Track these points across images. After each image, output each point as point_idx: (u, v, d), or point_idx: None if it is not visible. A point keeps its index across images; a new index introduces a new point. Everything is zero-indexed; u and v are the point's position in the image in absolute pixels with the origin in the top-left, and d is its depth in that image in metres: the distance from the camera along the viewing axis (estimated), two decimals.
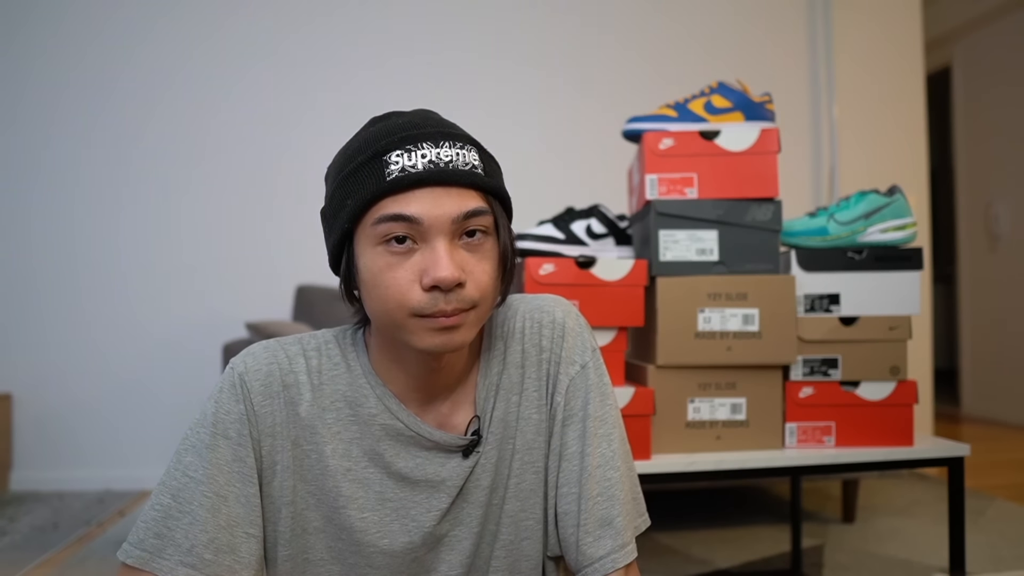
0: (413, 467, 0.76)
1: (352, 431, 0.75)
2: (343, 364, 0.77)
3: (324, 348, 0.77)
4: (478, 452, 0.78)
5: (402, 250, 0.67)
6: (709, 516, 2.26)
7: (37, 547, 2.03)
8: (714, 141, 1.29)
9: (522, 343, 0.81)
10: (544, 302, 0.84)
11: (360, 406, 0.75)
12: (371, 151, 0.69)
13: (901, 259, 1.32)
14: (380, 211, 0.67)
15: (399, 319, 0.68)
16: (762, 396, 1.30)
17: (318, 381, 0.76)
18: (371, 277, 0.68)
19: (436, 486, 0.77)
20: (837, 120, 2.84)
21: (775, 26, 2.89)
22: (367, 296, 0.70)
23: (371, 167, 0.68)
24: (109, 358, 2.72)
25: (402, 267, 0.67)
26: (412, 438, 0.76)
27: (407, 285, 0.67)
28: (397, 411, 0.75)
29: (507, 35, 2.83)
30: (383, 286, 0.68)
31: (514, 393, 0.80)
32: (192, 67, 2.75)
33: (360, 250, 0.69)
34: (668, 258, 1.28)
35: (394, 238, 0.67)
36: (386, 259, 0.68)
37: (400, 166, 0.67)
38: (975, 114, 4.01)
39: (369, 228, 0.68)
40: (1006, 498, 2.40)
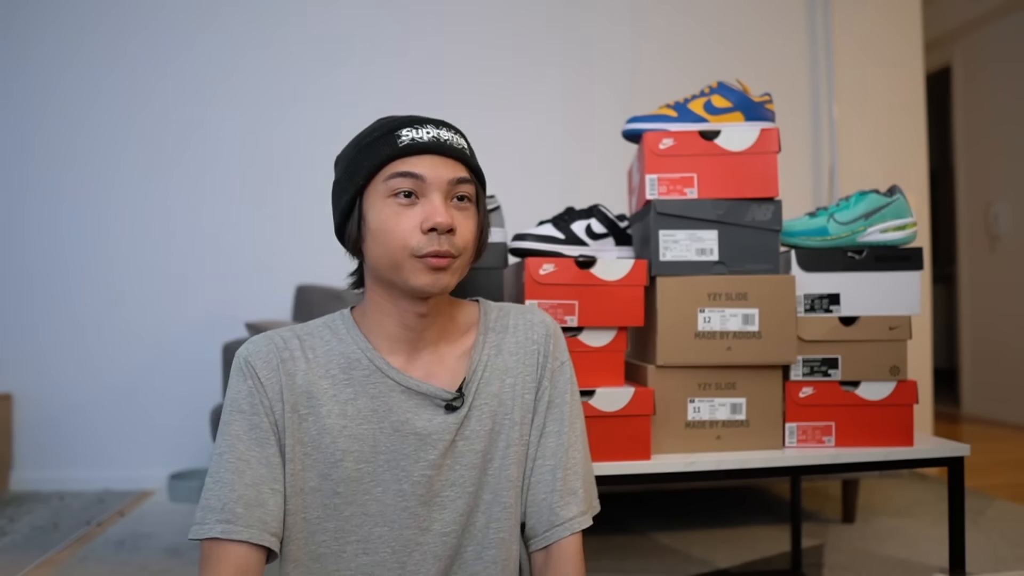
0: (403, 421, 0.87)
1: (347, 392, 0.87)
2: (334, 339, 0.89)
3: (315, 329, 0.91)
4: (457, 409, 0.88)
5: (407, 203, 0.83)
6: (709, 516, 2.26)
7: (37, 547, 2.03)
8: (714, 141, 1.29)
9: (516, 336, 0.96)
10: (534, 309, 1.00)
11: (353, 369, 0.88)
12: (385, 129, 0.86)
13: (901, 259, 1.32)
14: (392, 169, 0.83)
15: (400, 259, 0.83)
16: (762, 396, 1.30)
17: (312, 354, 0.88)
18: (379, 224, 0.83)
19: (424, 439, 0.87)
20: (837, 120, 2.84)
21: (775, 26, 2.89)
22: (373, 243, 0.84)
23: (385, 139, 0.85)
24: (109, 358, 2.72)
25: (406, 215, 0.83)
26: (403, 391, 0.87)
27: (410, 230, 0.82)
28: (386, 369, 0.87)
29: (507, 35, 2.83)
30: (389, 231, 0.83)
31: (509, 376, 0.93)
32: (190, 66, 2.75)
33: (370, 204, 0.85)
34: (668, 258, 1.28)
35: (402, 192, 0.83)
36: (393, 208, 0.83)
37: (410, 137, 0.84)
38: (975, 114, 4.01)
39: (381, 184, 0.84)
40: (1006, 498, 2.40)
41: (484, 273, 1.28)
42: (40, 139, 2.72)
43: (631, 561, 1.86)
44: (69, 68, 2.72)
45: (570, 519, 0.92)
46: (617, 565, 1.84)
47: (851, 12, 2.88)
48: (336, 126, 2.75)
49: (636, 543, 2.00)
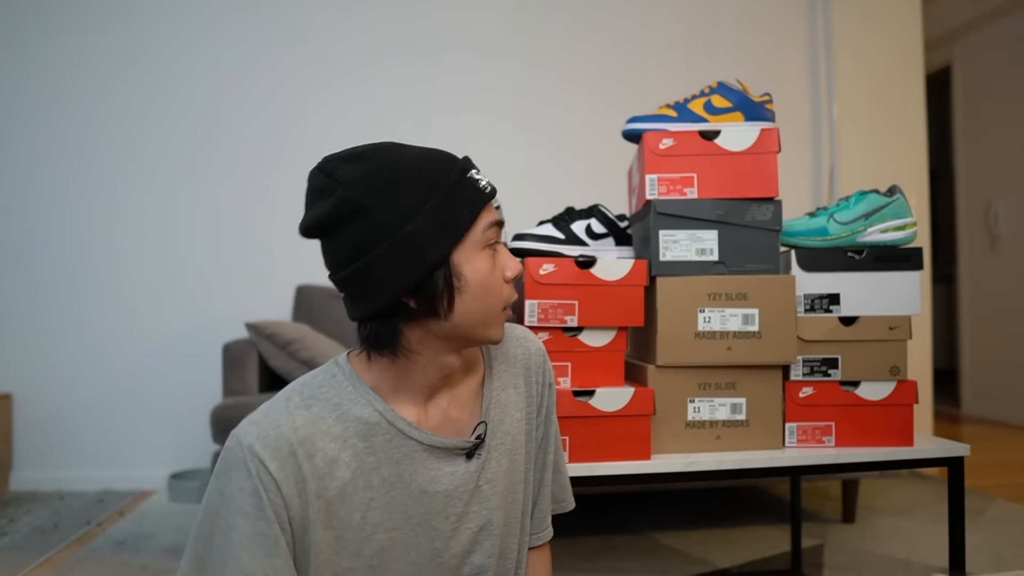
0: (429, 480, 0.81)
1: (370, 462, 0.79)
2: (344, 400, 0.79)
3: (318, 391, 0.79)
4: (479, 455, 0.85)
5: (496, 252, 0.80)
6: (709, 516, 2.26)
7: (37, 547, 2.03)
8: (714, 141, 1.29)
9: (517, 367, 0.93)
10: (528, 335, 0.97)
11: (373, 435, 0.79)
12: (457, 170, 0.78)
13: (901, 259, 1.32)
14: (485, 219, 0.78)
15: (494, 312, 0.79)
16: (762, 396, 1.30)
17: (326, 425, 0.77)
18: (480, 279, 0.77)
19: (450, 494, 0.83)
20: (837, 120, 2.84)
21: (775, 26, 2.89)
22: (469, 300, 0.77)
23: (467, 183, 0.77)
24: (109, 359, 2.72)
25: (496, 267, 0.79)
26: (425, 449, 0.81)
27: (500, 281, 0.80)
28: (408, 430, 0.80)
29: (507, 35, 2.83)
30: (492, 284, 0.78)
31: (517, 410, 0.91)
32: (189, 67, 2.75)
33: (465, 258, 0.76)
34: (668, 258, 1.28)
35: (495, 242, 0.79)
36: (489, 262, 0.78)
37: (483, 181, 0.79)
38: (975, 114, 4.01)
39: (480, 235, 0.77)
40: (1006, 498, 2.40)
41: None
42: (39, 142, 2.72)
43: (631, 561, 1.86)
44: (71, 67, 2.72)
45: (550, 525, 0.99)
46: (617, 565, 1.84)
47: (851, 12, 2.88)
48: (336, 126, 2.76)
49: (636, 543, 1.99)
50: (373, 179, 0.74)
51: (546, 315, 1.25)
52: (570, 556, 1.91)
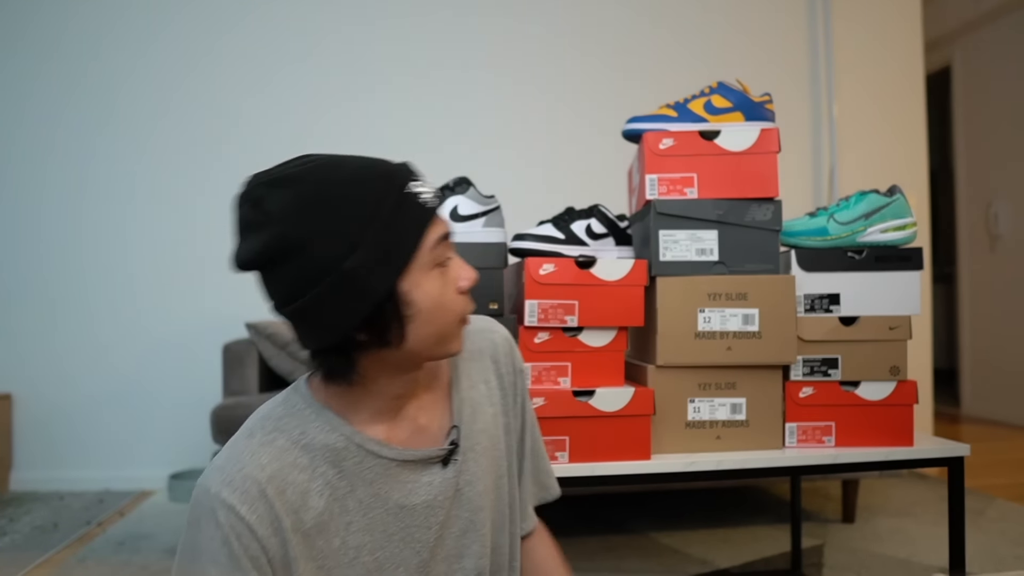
0: (406, 494, 0.79)
1: (343, 487, 0.76)
2: (310, 428, 0.75)
3: (280, 423, 0.75)
4: (455, 460, 0.82)
5: (446, 268, 0.75)
6: (709, 516, 2.26)
7: (37, 547, 2.04)
8: (714, 141, 1.29)
9: (484, 362, 0.90)
10: (491, 324, 0.94)
11: (342, 461, 0.75)
12: (396, 187, 0.71)
13: (901, 259, 1.33)
14: (433, 236, 0.72)
15: (452, 330, 0.76)
16: (762, 396, 1.30)
17: (291, 457, 0.73)
18: (432, 302, 0.73)
19: (430, 504, 0.80)
20: (837, 120, 2.84)
21: (775, 26, 2.89)
22: (423, 326, 0.73)
23: (409, 201, 0.71)
24: (109, 358, 2.72)
25: (447, 283, 0.75)
26: (398, 465, 0.78)
27: (456, 296, 0.75)
28: (378, 449, 0.77)
29: (507, 35, 2.83)
30: (445, 304, 0.74)
31: (490, 405, 0.89)
32: (194, 71, 2.75)
33: (414, 283, 0.72)
34: (668, 258, 1.28)
35: (444, 259, 0.74)
36: (440, 279, 0.74)
37: (426, 193, 0.73)
38: (975, 114, 4.01)
39: (428, 256, 0.72)
40: (1006, 498, 2.40)
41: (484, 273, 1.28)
42: (46, 142, 2.72)
43: (631, 561, 1.86)
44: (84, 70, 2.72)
45: (532, 513, 0.98)
46: (617, 565, 1.84)
47: (851, 12, 2.88)
48: (336, 126, 2.76)
49: (636, 543, 1.99)
50: (306, 210, 0.68)
51: (546, 315, 1.25)
52: (570, 556, 1.91)
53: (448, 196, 1.33)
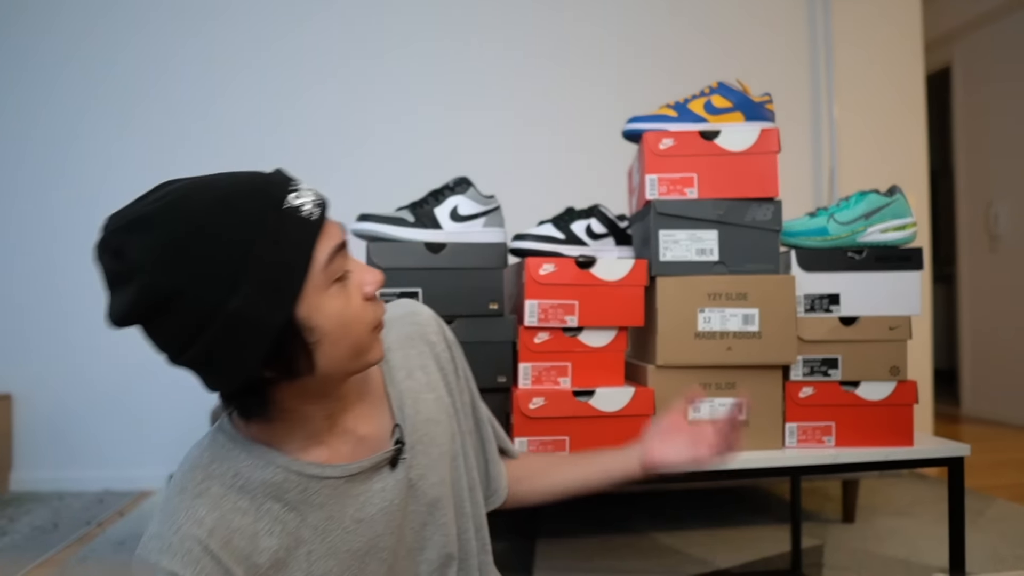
0: (360, 507, 0.76)
1: (292, 520, 0.72)
2: (243, 468, 0.71)
3: (213, 472, 0.70)
4: (404, 458, 0.80)
5: (345, 281, 0.68)
6: (709, 516, 2.26)
7: (37, 547, 2.03)
8: (714, 141, 1.29)
9: (416, 346, 0.87)
10: (413, 306, 0.91)
11: (285, 493, 0.71)
12: (272, 207, 0.63)
13: (901, 259, 1.33)
14: (323, 253, 0.65)
15: (366, 341, 0.71)
16: (762, 396, 1.30)
17: (231, 504, 0.69)
18: (336, 322, 0.67)
19: (387, 509, 0.78)
20: (837, 120, 2.84)
21: (775, 26, 2.89)
22: (331, 348, 0.67)
23: (289, 220, 0.63)
24: (109, 358, 2.72)
25: (350, 294, 0.69)
26: (346, 482, 0.75)
27: (362, 306, 0.70)
28: (320, 472, 0.73)
29: (507, 35, 2.83)
30: (351, 320, 0.68)
31: (430, 391, 0.86)
32: (190, 65, 2.75)
33: (313, 307, 0.65)
34: (668, 258, 1.28)
35: (342, 270, 0.68)
36: (340, 296, 0.67)
37: (310, 203, 0.66)
38: (975, 114, 4.01)
39: (321, 275, 0.65)
40: (1006, 498, 2.40)
41: (484, 273, 1.28)
42: (40, 141, 2.72)
43: (631, 561, 1.86)
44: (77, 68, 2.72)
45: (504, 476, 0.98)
46: (617, 565, 1.84)
47: (851, 12, 2.88)
48: (336, 123, 2.76)
49: (636, 543, 1.99)
50: (172, 255, 0.61)
51: (546, 315, 1.25)
52: (570, 556, 1.91)
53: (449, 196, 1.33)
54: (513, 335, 1.29)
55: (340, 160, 2.74)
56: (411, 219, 1.30)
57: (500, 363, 1.29)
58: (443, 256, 1.27)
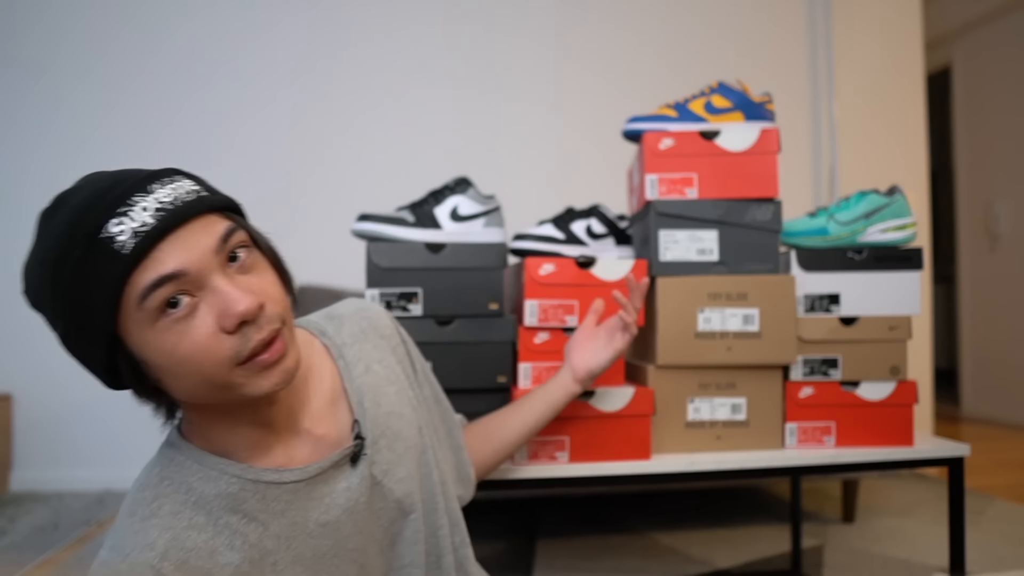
0: (325, 509, 0.74)
1: (253, 531, 0.69)
2: (196, 483, 0.68)
3: (164, 490, 0.67)
4: (366, 454, 0.78)
5: (184, 312, 0.61)
6: (709, 516, 2.26)
7: (37, 547, 2.04)
8: (714, 141, 1.29)
9: (371, 340, 0.86)
10: (354, 306, 0.89)
11: (242, 504, 0.68)
12: (82, 238, 0.59)
13: (901, 259, 1.33)
14: (137, 288, 0.59)
15: (223, 378, 0.63)
16: (762, 396, 1.30)
17: (189, 522, 0.66)
18: (168, 357, 0.62)
19: (351, 509, 0.76)
20: (837, 120, 2.84)
21: (775, 26, 2.89)
22: (174, 381, 0.63)
23: (96, 253, 0.59)
24: None
25: (194, 327, 0.61)
26: (307, 484, 0.73)
27: (211, 340, 0.62)
28: (277, 478, 0.70)
29: (507, 36, 2.83)
30: (188, 357, 0.61)
31: (389, 384, 0.84)
32: (193, 68, 2.75)
33: (139, 342, 0.62)
34: (668, 258, 1.28)
35: (168, 304, 0.60)
36: (174, 330, 0.61)
37: (128, 232, 0.59)
38: (975, 114, 4.01)
39: (136, 313, 0.60)
40: (1006, 498, 2.40)
41: (484, 273, 1.28)
42: (39, 140, 2.72)
43: (631, 561, 1.86)
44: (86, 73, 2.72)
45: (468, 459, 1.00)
46: (617, 565, 1.84)
47: (851, 12, 2.88)
48: (336, 123, 2.76)
49: (636, 543, 2.00)
50: (26, 272, 0.64)
51: (546, 315, 1.25)
52: (570, 556, 1.91)
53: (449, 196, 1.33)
54: (513, 335, 1.29)
55: (340, 160, 2.74)
56: (411, 219, 1.30)
57: (500, 363, 1.29)
58: (443, 256, 1.27)
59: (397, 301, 1.26)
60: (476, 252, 1.28)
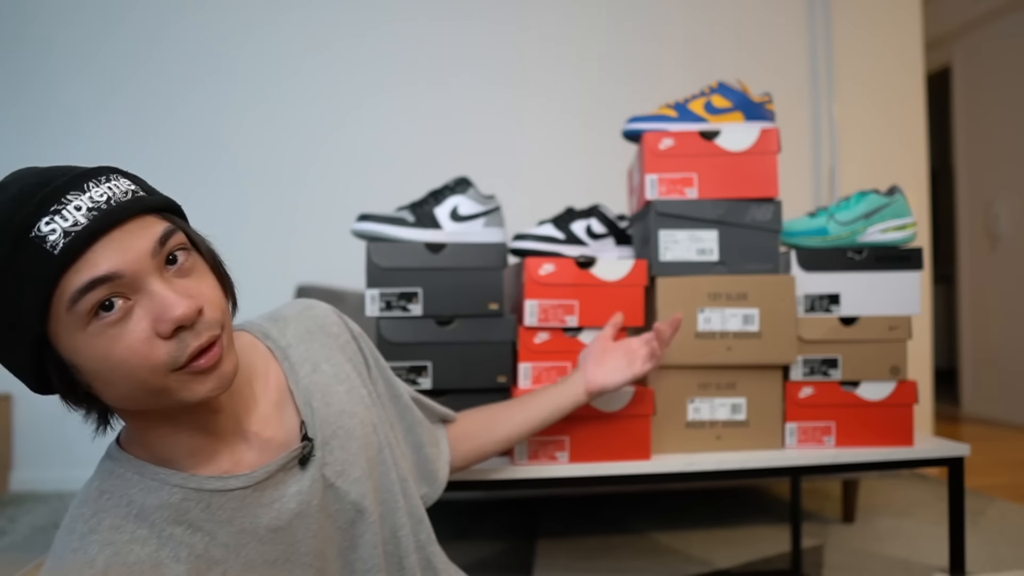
0: (275, 515, 0.71)
1: (199, 542, 0.67)
2: (137, 495, 0.66)
3: (104, 504, 0.65)
4: (315, 455, 0.76)
5: (117, 315, 0.59)
6: (709, 516, 2.26)
7: (37, 547, 2.04)
8: (714, 141, 1.29)
9: (317, 339, 0.84)
10: (300, 306, 0.87)
11: (186, 514, 0.66)
12: (10, 237, 0.57)
13: (901, 259, 1.32)
14: (68, 290, 0.57)
15: (158, 384, 0.61)
16: (762, 396, 1.30)
17: (131, 535, 0.64)
18: (100, 362, 0.59)
19: (303, 512, 0.74)
20: (837, 120, 2.84)
21: (775, 26, 2.89)
22: (106, 386, 0.61)
23: (25, 253, 0.56)
24: None
25: (128, 331, 0.59)
26: (254, 490, 0.70)
27: (146, 344, 0.60)
28: (222, 485, 0.68)
29: (507, 35, 2.83)
30: (121, 361, 0.59)
31: (339, 383, 0.83)
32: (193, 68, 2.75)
33: (69, 346, 0.59)
34: (668, 258, 1.28)
35: (101, 307, 0.58)
36: (107, 334, 0.59)
37: (59, 231, 0.57)
38: (975, 114, 4.01)
39: (66, 316, 0.58)
40: (1006, 498, 2.40)
41: (484, 273, 1.28)
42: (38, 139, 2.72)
43: (631, 561, 1.86)
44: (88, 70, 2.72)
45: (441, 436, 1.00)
46: (617, 565, 1.84)
47: (851, 12, 2.88)
48: (336, 122, 2.76)
49: (636, 543, 2.00)
50: None
51: (546, 315, 1.25)
52: (570, 556, 1.91)
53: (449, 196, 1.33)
54: (513, 335, 1.29)
55: (340, 160, 2.74)
56: (411, 219, 1.30)
57: (500, 363, 1.29)
58: (443, 256, 1.27)
59: (397, 301, 1.26)
60: (476, 252, 1.28)
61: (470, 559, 1.90)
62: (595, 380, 1.07)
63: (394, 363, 1.25)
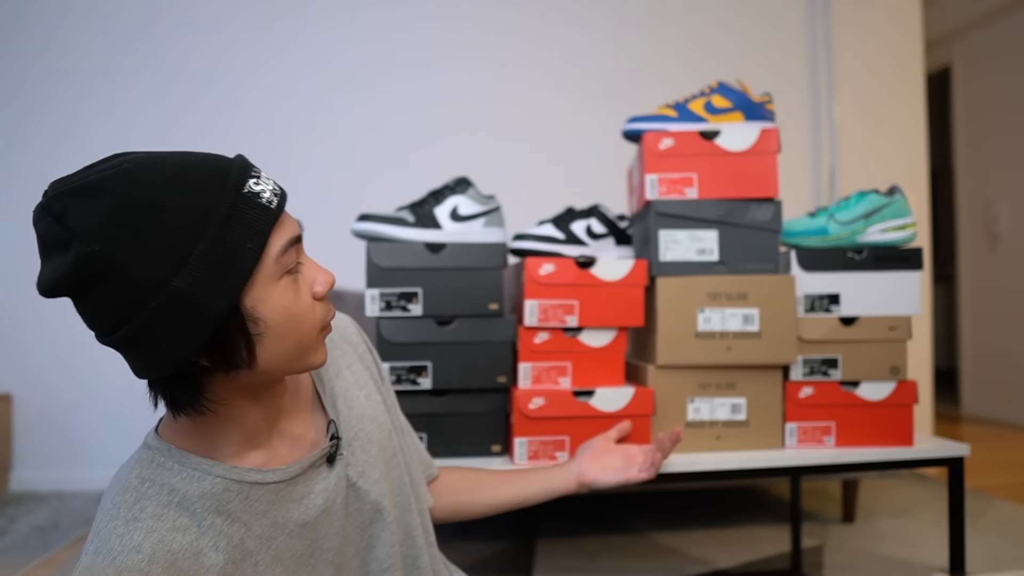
0: (304, 510, 0.74)
1: (236, 532, 0.68)
2: (180, 483, 0.67)
3: (145, 491, 0.66)
4: (341, 454, 0.79)
5: (298, 275, 0.67)
6: (709, 516, 2.26)
7: (37, 547, 2.03)
8: (714, 141, 1.29)
9: (335, 349, 0.87)
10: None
11: (227, 504, 0.68)
12: (229, 190, 0.62)
13: (901, 259, 1.33)
14: (279, 240, 0.64)
15: (311, 342, 0.69)
16: (762, 396, 1.30)
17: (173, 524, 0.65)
18: (283, 316, 0.65)
19: (328, 509, 0.76)
20: (837, 120, 2.84)
21: (775, 26, 2.89)
22: (275, 343, 0.65)
23: (245, 204, 0.62)
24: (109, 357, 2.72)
25: (302, 289, 0.68)
26: (286, 485, 0.73)
27: (310, 304, 0.68)
28: (261, 478, 0.71)
29: (507, 35, 2.83)
30: (298, 314, 0.67)
31: (359, 388, 0.87)
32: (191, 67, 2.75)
33: (260, 297, 0.63)
34: (668, 258, 1.28)
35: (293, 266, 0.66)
36: (291, 288, 0.66)
37: (267, 193, 0.64)
38: (975, 114, 4.01)
39: (273, 266, 0.64)
40: (1006, 498, 2.40)
41: (484, 273, 1.28)
42: (37, 139, 2.72)
43: (631, 561, 1.86)
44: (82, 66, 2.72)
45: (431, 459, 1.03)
46: (617, 565, 1.84)
47: (851, 12, 2.88)
48: (336, 121, 2.76)
49: (636, 543, 1.99)
50: (117, 225, 0.57)
51: (546, 315, 1.25)
52: (570, 556, 1.91)
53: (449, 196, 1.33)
54: (513, 335, 1.29)
55: (340, 160, 2.74)
56: (411, 219, 1.30)
57: (500, 363, 1.29)
58: (443, 256, 1.27)
59: (397, 301, 1.26)
60: (476, 252, 1.28)
61: (470, 559, 1.90)
62: (588, 474, 1.07)
63: (394, 363, 1.25)
